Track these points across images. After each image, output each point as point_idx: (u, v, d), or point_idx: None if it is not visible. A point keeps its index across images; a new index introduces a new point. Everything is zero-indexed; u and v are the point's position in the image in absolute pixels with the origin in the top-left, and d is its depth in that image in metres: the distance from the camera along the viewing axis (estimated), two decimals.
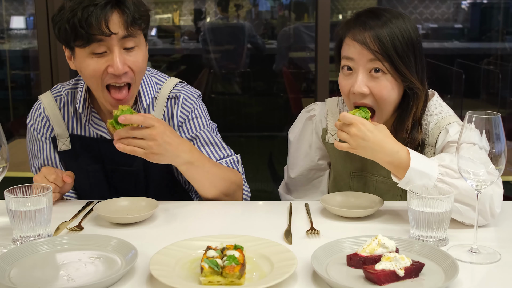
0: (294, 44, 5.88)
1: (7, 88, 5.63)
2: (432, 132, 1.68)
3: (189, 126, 1.80)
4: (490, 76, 5.58)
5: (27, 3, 6.12)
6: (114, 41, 1.58)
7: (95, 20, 1.54)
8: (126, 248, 1.32)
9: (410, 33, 1.62)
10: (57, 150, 1.83)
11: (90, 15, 1.54)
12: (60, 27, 1.59)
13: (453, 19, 6.47)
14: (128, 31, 1.59)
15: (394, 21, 1.61)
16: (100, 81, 1.63)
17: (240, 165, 1.85)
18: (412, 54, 1.62)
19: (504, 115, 4.92)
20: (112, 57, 1.59)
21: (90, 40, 1.56)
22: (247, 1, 6.43)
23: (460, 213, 1.46)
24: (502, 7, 6.02)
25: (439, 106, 1.73)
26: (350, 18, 1.67)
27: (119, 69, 1.59)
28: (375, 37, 1.58)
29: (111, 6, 1.57)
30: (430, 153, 1.69)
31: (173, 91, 1.81)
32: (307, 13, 6.26)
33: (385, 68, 1.59)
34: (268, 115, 6.12)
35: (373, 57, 1.58)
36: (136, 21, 1.60)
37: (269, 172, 4.52)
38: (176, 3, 6.61)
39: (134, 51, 1.63)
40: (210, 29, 6.21)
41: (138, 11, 1.61)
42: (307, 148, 1.88)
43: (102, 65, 1.60)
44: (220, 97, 6.19)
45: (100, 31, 1.56)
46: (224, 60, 6.13)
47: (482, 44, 6.10)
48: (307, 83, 5.91)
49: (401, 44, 1.59)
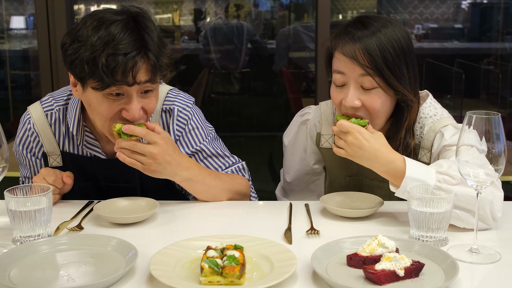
0: (292, 44, 5.88)
1: (7, 88, 5.63)
2: (427, 135, 1.67)
3: (187, 140, 1.76)
4: (490, 76, 5.58)
5: (27, 3, 6.12)
6: (135, 88, 1.51)
7: (122, 70, 1.44)
8: (126, 248, 1.32)
9: (401, 41, 1.59)
10: (48, 166, 1.76)
11: (117, 65, 1.43)
12: (75, 61, 1.48)
13: (453, 19, 6.47)
14: (150, 77, 1.52)
15: (383, 30, 1.58)
16: (109, 120, 1.55)
17: (246, 172, 1.83)
18: (404, 64, 1.59)
19: (504, 115, 4.92)
20: (129, 103, 1.52)
21: (109, 86, 1.47)
22: (247, 1, 6.43)
23: (460, 219, 1.45)
24: (502, 7, 6.02)
25: (433, 108, 1.71)
26: (339, 31, 1.64)
27: (135, 117, 1.53)
28: (364, 50, 1.56)
29: (140, 55, 1.47)
30: (426, 156, 1.68)
31: (166, 103, 1.75)
32: (307, 13, 6.26)
33: (376, 82, 1.57)
34: (268, 115, 6.11)
35: (364, 72, 1.57)
36: (160, 68, 1.53)
37: (269, 172, 4.52)
38: (176, 3, 6.61)
39: (150, 94, 1.56)
40: (210, 29, 6.21)
41: (162, 54, 1.53)
42: (302, 153, 1.87)
43: (116, 107, 1.53)
44: (220, 97, 6.19)
45: (125, 82, 1.47)
46: (224, 60, 6.13)
47: (482, 44, 6.10)
48: (307, 83, 5.91)
49: (392, 56, 1.57)
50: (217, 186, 1.69)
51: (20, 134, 1.79)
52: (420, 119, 1.69)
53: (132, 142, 1.52)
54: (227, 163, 1.79)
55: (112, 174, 1.76)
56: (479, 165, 1.28)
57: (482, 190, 1.32)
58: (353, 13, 6.76)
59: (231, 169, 1.79)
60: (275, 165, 4.51)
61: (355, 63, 1.57)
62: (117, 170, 1.73)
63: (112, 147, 1.69)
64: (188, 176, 1.62)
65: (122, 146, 1.52)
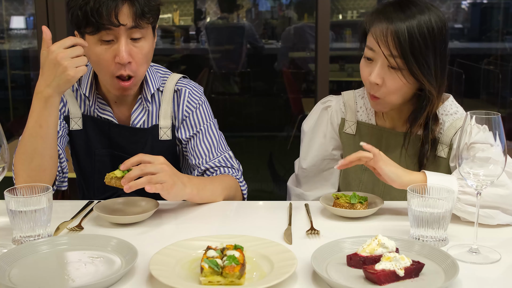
0: (297, 44, 5.88)
1: (7, 88, 5.64)
2: (447, 131, 1.72)
3: (193, 121, 1.84)
4: (490, 76, 5.58)
5: (27, 3, 6.12)
6: (122, 31, 1.63)
7: (106, 10, 1.59)
8: (126, 248, 1.32)
9: (434, 30, 1.62)
10: (69, 129, 1.85)
11: (101, 5, 1.59)
12: (73, 12, 1.64)
13: (453, 19, 6.47)
14: (136, 22, 1.64)
15: (418, 16, 1.62)
16: (107, 69, 1.68)
17: (234, 160, 1.87)
18: (432, 53, 1.62)
19: (504, 115, 4.92)
20: (118, 47, 1.64)
21: (99, 28, 1.62)
22: (247, 1, 6.43)
23: (491, 217, 1.49)
24: (502, 7, 6.02)
25: (455, 106, 1.76)
26: (377, 8, 1.70)
27: (123, 58, 1.64)
28: (394, 33, 1.61)
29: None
30: (443, 151, 1.72)
31: (178, 85, 1.86)
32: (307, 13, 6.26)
33: (399, 66, 1.62)
34: (268, 115, 6.12)
35: (390, 53, 1.62)
36: (145, 14, 1.65)
37: (269, 172, 4.53)
38: (176, 3, 6.61)
39: (140, 42, 1.68)
40: (210, 29, 6.21)
41: (148, 5, 1.66)
42: (322, 138, 1.90)
43: (109, 54, 1.66)
44: (220, 97, 6.20)
45: (110, 22, 1.61)
46: (224, 60, 6.14)
47: (482, 44, 6.10)
48: (307, 83, 5.91)
49: (419, 44, 1.60)
50: (214, 189, 1.72)
51: None
52: (440, 116, 1.74)
53: (138, 167, 1.51)
54: (220, 151, 1.85)
55: (124, 143, 1.83)
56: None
57: (482, 190, 1.32)
58: (353, 13, 6.76)
59: (220, 159, 1.83)
60: (275, 165, 4.52)
61: (384, 43, 1.62)
62: (128, 139, 1.82)
63: (121, 114, 1.84)
64: (194, 182, 1.64)
65: (132, 176, 1.49)
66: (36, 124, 1.59)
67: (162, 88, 1.85)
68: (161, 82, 1.85)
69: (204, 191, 1.68)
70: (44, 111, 1.58)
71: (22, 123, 1.79)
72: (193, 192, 1.63)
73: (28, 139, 1.60)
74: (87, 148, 1.86)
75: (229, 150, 1.88)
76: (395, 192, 1.71)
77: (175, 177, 1.54)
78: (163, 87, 1.85)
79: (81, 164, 1.88)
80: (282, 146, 5.26)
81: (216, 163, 1.82)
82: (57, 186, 1.75)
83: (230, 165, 1.83)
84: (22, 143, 1.61)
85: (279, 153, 5.22)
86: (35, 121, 1.59)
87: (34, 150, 1.60)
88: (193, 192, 1.63)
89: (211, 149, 1.83)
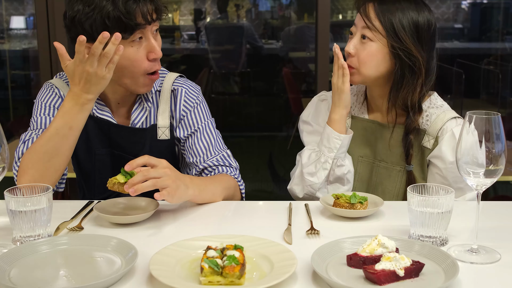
0: (298, 44, 5.88)
1: (7, 88, 5.64)
2: (434, 123, 1.79)
3: (190, 120, 1.84)
4: (490, 76, 5.58)
5: (27, 3, 6.12)
6: (148, 27, 1.69)
7: (140, 10, 1.64)
8: (126, 248, 1.32)
9: (418, 22, 1.73)
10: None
11: (131, 6, 1.62)
12: (93, 23, 1.62)
13: (453, 19, 6.47)
14: (157, 14, 1.71)
15: (405, 4, 1.73)
16: (140, 68, 1.70)
17: (232, 159, 1.87)
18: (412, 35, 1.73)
19: (504, 115, 4.92)
20: (150, 42, 1.69)
21: (134, 29, 1.64)
22: (247, 1, 6.43)
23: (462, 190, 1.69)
24: (502, 7, 6.02)
25: (440, 101, 1.85)
26: None
27: (159, 52, 1.72)
28: (373, 6, 1.74)
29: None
30: (429, 142, 1.79)
31: (175, 84, 1.86)
32: (307, 13, 6.26)
33: (369, 36, 1.74)
34: (268, 115, 6.12)
35: (365, 24, 1.75)
36: (160, 6, 1.73)
37: (269, 172, 4.53)
38: (176, 3, 6.61)
39: (157, 34, 1.75)
40: (210, 29, 6.21)
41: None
42: (323, 124, 1.92)
43: (141, 53, 1.69)
44: (220, 97, 6.19)
45: (146, 20, 1.65)
46: (224, 60, 6.14)
47: (482, 44, 6.10)
48: (307, 83, 5.91)
49: (400, 21, 1.72)
50: (212, 191, 1.72)
51: (46, 96, 1.84)
52: (427, 108, 1.81)
53: (141, 172, 1.50)
54: (217, 150, 1.85)
55: (124, 143, 1.83)
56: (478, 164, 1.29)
57: (481, 190, 1.32)
58: (353, 13, 6.75)
59: (218, 158, 1.83)
60: (275, 165, 4.52)
61: (362, 14, 1.76)
62: (127, 139, 1.83)
63: (121, 114, 1.85)
64: (196, 183, 1.64)
65: (135, 181, 1.49)
66: (66, 126, 1.60)
67: (159, 88, 1.85)
68: (159, 83, 1.85)
69: (206, 192, 1.68)
70: (78, 115, 1.60)
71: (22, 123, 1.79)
72: (195, 193, 1.63)
73: (52, 138, 1.60)
74: (87, 148, 1.86)
75: (226, 149, 1.88)
76: (387, 182, 1.84)
77: (178, 181, 1.54)
78: (160, 86, 1.85)
79: (81, 164, 1.88)
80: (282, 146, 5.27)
81: (214, 162, 1.82)
82: (56, 187, 1.75)
83: (228, 164, 1.84)
84: (41, 142, 1.61)
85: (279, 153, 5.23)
86: (66, 122, 1.60)
87: (56, 150, 1.60)
88: (195, 193, 1.63)
89: (208, 147, 1.84)
